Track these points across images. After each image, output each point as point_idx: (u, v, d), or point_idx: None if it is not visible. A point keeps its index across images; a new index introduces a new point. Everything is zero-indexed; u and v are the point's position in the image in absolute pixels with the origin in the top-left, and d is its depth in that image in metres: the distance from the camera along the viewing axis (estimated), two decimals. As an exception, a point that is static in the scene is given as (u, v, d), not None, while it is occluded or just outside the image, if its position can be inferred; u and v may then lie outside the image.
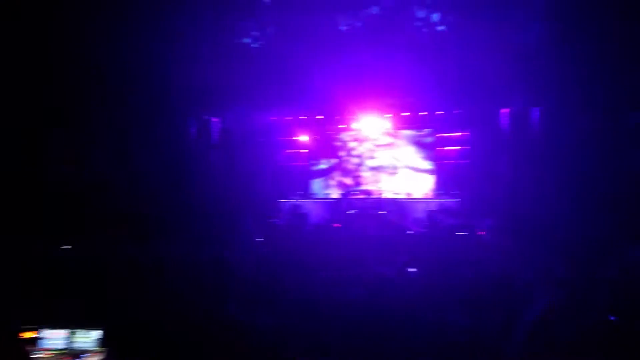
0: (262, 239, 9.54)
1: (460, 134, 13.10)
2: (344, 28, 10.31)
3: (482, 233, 10.33)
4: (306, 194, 13.50)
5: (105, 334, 2.71)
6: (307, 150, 14.01)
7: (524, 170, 10.39)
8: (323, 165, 13.98)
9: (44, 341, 2.75)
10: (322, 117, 13.70)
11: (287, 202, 12.75)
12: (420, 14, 10.03)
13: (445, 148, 13.33)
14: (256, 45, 10.42)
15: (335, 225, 11.35)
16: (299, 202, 12.69)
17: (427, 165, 13.46)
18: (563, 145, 9.43)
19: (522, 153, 10.68)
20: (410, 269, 4.43)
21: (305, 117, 13.70)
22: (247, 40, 10.35)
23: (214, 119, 12.18)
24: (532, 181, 10.06)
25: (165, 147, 10.29)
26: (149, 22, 8.86)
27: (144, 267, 3.41)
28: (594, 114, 9.01)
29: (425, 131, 13.46)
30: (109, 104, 9.28)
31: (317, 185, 13.88)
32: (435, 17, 9.94)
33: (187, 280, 3.22)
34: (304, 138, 13.90)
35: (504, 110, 11.23)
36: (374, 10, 10.11)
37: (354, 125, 13.79)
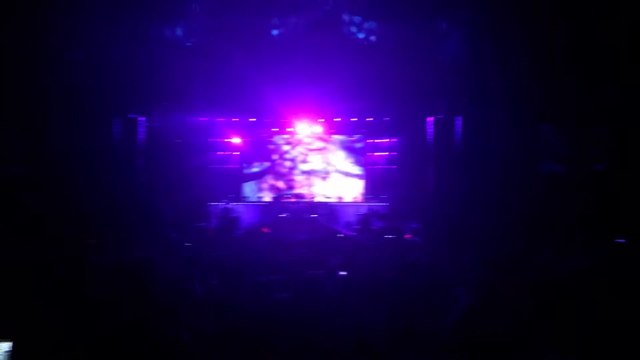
0: (190, 243, 9.29)
1: (388, 140, 13.56)
2: (277, 31, 10.32)
3: (408, 236, 10.76)
4: (238, 197, 13.30)
5: (14, 346, 2.51)
6: (239, 153, 13.82)
7: (448, 176, 10.93)
8: (255, 168, 13.86)
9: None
10: (254, 119, 13.58)
11: (218, 205, 12.50)
12: (353, 22, 10.28)
13: (375, 154, 13.75)
14: (189, 43, 10.14)
15: (265, 229, 11.31)
16: (230, 205, 12.48)
17: (357, 170, 13.77)
18: (484, 152, 10.05)
19: (446, 159, 11.23)
20: (341, 272, 4.51)
21: (238, 119, 13.52)
22: (179, 35, 10.05)
23: (141, 118, 11.65)
24: (456, 186, 10.62)
25: (89, 146, 9.71)
26: (73, 16, 8.38)
27: (61, 271, 3.20)
28: (512, 123, 9.69)
29: (356, 137, 13.79)
30: (29, 102, 8.65)
31: (249, 188, 13.73)
32: (367, 26, 10.24)
33: (108, 286, 3.06)
34: (236, 140, 13.70)
35: (430, 119, 11.76)
36: (308, 16, 10.22)
37: (286, 129, 13.81)
